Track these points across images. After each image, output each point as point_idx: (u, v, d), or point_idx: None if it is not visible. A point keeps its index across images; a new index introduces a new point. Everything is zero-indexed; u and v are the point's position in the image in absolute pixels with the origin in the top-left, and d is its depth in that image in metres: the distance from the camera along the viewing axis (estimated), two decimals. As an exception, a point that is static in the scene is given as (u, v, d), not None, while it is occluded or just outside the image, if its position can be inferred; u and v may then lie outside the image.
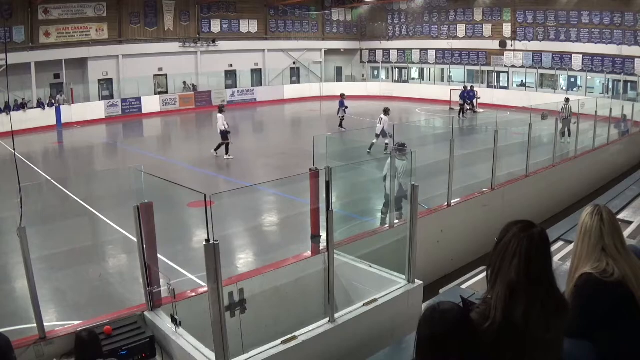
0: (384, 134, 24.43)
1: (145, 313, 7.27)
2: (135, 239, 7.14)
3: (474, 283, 9.25)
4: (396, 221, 10.45)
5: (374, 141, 24.62)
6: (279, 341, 6.46)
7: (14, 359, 5.39)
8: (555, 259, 6.08)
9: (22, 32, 39.60)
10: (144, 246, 7.07)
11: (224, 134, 25.43)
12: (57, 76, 41.60)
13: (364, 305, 7.34)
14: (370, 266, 8.33)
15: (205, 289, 6.21)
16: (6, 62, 30.88)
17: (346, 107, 32.53)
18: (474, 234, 12.42)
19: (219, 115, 25.87)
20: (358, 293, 8.13)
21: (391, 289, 7.75)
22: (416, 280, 7.94)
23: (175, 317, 6.70)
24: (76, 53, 41.46)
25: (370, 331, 7.27)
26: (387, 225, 10.47)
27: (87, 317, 8.39)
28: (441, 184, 12.80)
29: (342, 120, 32.30)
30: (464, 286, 9.26)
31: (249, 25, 50.31)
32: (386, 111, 25.31)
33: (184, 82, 45.21)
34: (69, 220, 16.81)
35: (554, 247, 9.48)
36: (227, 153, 25.40)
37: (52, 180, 21.92)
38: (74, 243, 15.00)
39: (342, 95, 33.32)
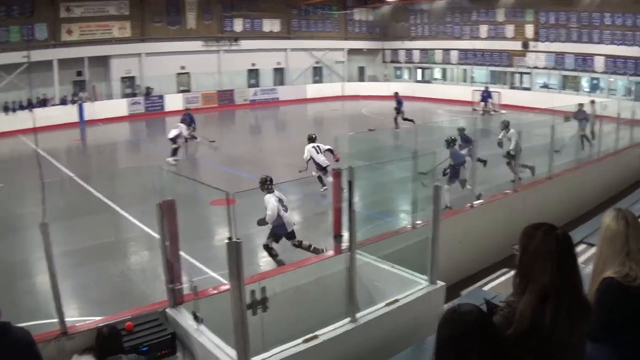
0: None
1: (167, 310, 7.32)
2: (158, 236, 7.19)
3: (497, 285, 9.25)
4: (419, 221, 10.44)
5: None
6: (300, 340, 6.49)
7: (38, 352, 5.48)
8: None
9: (44, 29, 39.91)
10: (167, 243, 7.12)
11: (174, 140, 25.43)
12: (79, 73, 41.89)
13: (385, 305, 7.34)
14: (393, 266, 8.33)
15: (227, 286, 6.21)
16: (28, 59, 31.15)
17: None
18: (496, 236, 12.36)
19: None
20: (380, 293, 8.12)
21: (413, 289, 7.74)
22: (438, 281, 7.94)
23: (197, 314, 6.75)
24: (98, 51, 41.74)
25: (391, 332, 7.26)
26: (409, 226, 10.46)
27: (108, 313, 8.43)
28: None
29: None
30: (485, 288, 9.27)
31: (271, 25, 50.43)
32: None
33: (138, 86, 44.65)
34: (91, 216, 16.88)
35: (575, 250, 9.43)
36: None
37: (74, 177, 22.05)
38: (97, 239, 15.07)
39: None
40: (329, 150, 18.76)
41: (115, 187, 21.56)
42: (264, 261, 13.34)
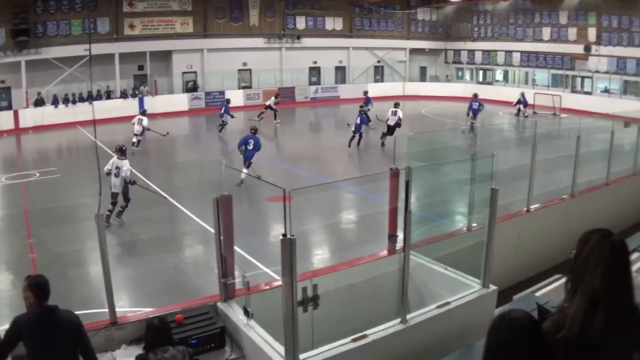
0: None
1: (218, 304, 7.40)
2: (213, 230, 7.25)
3: (549, 291, 9.11)
4: (474, 224, 10.34)
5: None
6: (349, 339, 6.48)
7: (86, 335, 5.62)
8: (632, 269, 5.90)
9: (106, 23, 40.69)
10: (221, 238, 7.18)
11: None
12: (141, 67, 42.60)
13: (436, 307, 7.29)
14: (446, 268, 8.27)
15: (280, 283, 6.25)
16: (89, 52, 31.75)
17: (228, 116, 31.91)
18: (551, 241, 12.16)
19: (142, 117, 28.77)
20: (431, 295, 8.07)
21: (465, 292, 7.68)
22: (491, 285, 7.86)
23: (248, 309, 6.78)
24: (161, 46, 42.43)
25: (441, 334, 7.21)
26: (465, 228, 10.38)
27: (159, 305, 8.54)
28: (521, 188, 12.59)
29: (223, 126, 32.03)
30: (538, 293, 9.13)
31: (334, 23, 50.65)
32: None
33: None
34: (148, 209, 17.08)
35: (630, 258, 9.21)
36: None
37: (133, 170, 22.34)
38: (152, 232, 15.32)
39: (228, 101, 33.49)
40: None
41: (173, 181, 21.85)
42: (318, 259, 13.37)
